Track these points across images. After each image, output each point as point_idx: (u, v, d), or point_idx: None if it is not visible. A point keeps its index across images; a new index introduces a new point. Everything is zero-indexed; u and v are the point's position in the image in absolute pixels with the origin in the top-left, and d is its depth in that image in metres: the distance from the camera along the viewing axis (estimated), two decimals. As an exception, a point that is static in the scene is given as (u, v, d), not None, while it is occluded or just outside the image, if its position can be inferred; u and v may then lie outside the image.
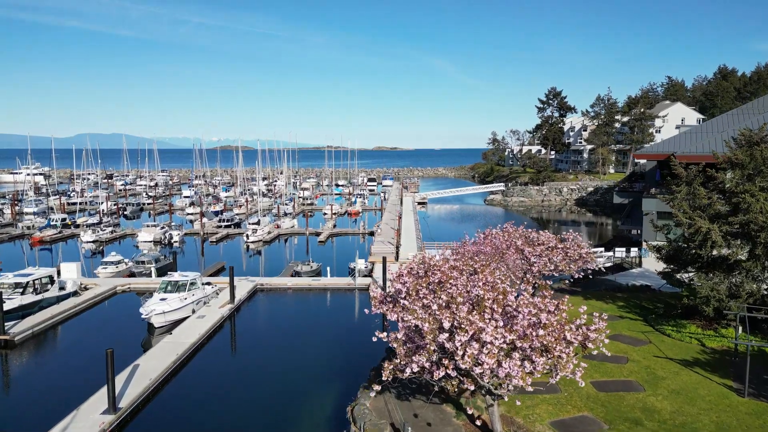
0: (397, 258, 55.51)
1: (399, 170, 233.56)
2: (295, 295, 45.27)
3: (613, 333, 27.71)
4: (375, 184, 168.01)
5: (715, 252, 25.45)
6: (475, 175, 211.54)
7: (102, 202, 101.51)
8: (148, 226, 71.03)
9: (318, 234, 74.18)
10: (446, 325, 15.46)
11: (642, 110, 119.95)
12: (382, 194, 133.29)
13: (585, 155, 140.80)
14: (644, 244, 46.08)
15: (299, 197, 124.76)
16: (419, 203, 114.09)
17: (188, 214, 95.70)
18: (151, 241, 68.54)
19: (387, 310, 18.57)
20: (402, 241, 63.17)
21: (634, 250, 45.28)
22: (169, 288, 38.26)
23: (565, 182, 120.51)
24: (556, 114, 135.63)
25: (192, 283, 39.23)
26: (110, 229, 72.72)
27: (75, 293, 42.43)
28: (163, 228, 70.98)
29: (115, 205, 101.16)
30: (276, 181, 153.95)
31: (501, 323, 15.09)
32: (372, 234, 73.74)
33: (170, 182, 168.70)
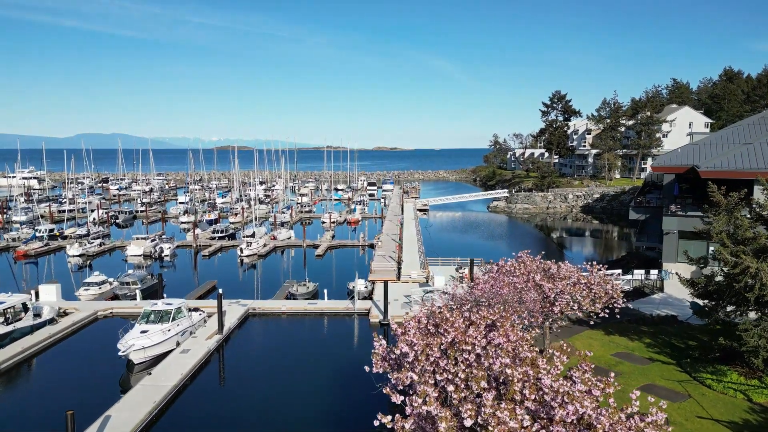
0: (398, 277, 52.35)
1: (399, 173, 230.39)
2: (290, 320, 42.13)
3: (646, 382, 24.62)
4: (375, 188, 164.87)
5: (765, 293, 22.29)
6: (477, 179, 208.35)
7: (93, 210, 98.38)
8: (137, 238, 67.87)
9: (316, 246, 71.01)
10: (468, 422, 12.33)
11: (649, 114, 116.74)
12: (382, 200, 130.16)
13: (590, 160, 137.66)
14: (672, 273, 42.92)
15: (297, 203, 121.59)
16: (420, 210, 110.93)
17: (182, 222, 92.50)
18: (140, 255, 65.40)
19: (392, 383, 15.46)
20: (404, 256, 60.03)
21: (653, 273, 42.14)
22: (151, 318, 35.13)
23: (571, 188, 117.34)
24: (561, 118, 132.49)
25: (177, 311, 36.10)
26: (98, 241, 69.52)
27: (52, 320, 39.27)
28: (153, 240, 67.83)
29: (106, 212, 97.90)
30: (274, 185, 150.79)
31: (537, 426, 11.94)
32: (372, 246, 70.59)
33: (166, 186, 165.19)
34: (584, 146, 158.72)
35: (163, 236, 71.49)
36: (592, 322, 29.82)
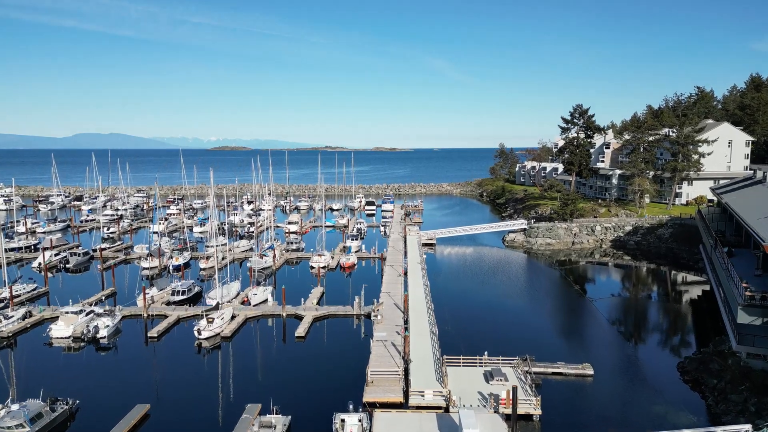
0: (406, 398, 37.41)
1: (399, 186, 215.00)
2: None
3: None
4: (374, 208, 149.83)
5: None
6: (483, 194, 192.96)
7: (44, 248, 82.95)
8: (67, 313, 52.84)
9: (298, 318, 56.06)
10: None
11: (688, 132, 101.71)
12: (382, 228, 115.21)
13: (614, 181, 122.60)
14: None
15: (286, 233, 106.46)
16: (426, 245, 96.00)
17: (144, 269, 77.34)
18: (69, 337, 50.50)
19: None
20: (412, 344, 45.11)
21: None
22: None
23: (598, 219, 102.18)
24: (582, 135, 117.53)
25: None
26: (22, 313, 54.42)
27: None
28: (88, 314, 52.88)
29: (56, 254, 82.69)
30: (261, 209, 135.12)
31: None
32: (369, 316, 55.81)
33: (144, 207, 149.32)
34: (602, 161, 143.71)
35: (103, 309, 55.39)
36: None
